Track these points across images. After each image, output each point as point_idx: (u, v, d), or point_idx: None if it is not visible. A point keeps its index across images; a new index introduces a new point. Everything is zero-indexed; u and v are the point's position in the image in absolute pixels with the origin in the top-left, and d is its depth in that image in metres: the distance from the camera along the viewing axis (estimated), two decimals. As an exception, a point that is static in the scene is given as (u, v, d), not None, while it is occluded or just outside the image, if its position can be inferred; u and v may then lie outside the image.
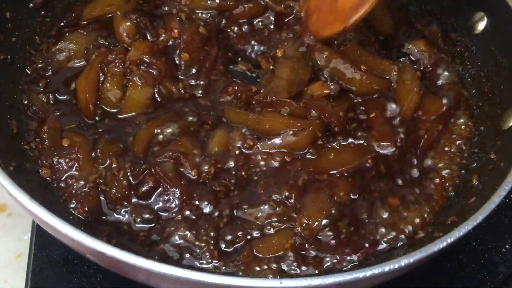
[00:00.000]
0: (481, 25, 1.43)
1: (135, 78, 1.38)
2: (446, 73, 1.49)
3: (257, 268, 1.18)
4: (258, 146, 1.33)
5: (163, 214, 1.24)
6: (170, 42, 1.47)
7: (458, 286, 1.35)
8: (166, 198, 1.25)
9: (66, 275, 1.31)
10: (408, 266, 0.99)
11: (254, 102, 1.38)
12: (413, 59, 1.51)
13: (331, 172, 1.30)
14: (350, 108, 1.40)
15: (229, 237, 1.21)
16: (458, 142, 1.39)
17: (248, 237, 1.22)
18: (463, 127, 1.41)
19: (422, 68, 1.50)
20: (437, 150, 1.38)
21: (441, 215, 1.27)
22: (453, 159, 1.37)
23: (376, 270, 0.97)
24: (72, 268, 1.32)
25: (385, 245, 1.23)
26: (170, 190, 1.25)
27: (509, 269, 1.36)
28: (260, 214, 1.24)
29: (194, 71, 1.46)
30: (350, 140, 1.35)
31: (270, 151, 1.32)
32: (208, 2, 1.56)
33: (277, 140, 1.33)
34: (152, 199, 1.26)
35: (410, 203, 1.28)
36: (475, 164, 1.33)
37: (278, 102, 1.35)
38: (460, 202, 1.24)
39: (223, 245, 1.20)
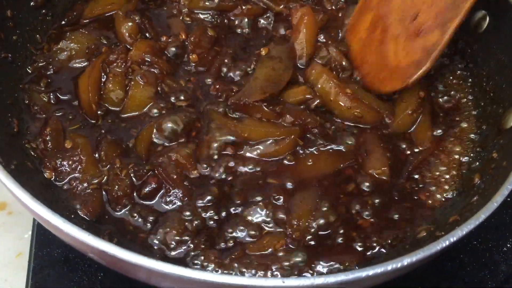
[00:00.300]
0: (482, 24, 1.43)
1: (137, 78, 1.38)
2: (449, 77, 1.49)
3: (250, 265, 1.17)
4: (241, 152, 1.31)
5: (164, 214, 1.23)
6: (178, 43, 1.47)
7: (459, 285, 1.34)
8: (168, 199, 1.25)
9: (66, 274, 1.31)
10: (411, 265, 0.99)
11: (229, 104, 1.36)
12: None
13: (310, 177, 1.29)
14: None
15: (224, 239, 1.21)
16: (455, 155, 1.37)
17: (241, 238, 1.21)
18: (465, 126, 1.41)
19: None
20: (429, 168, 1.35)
21: (439, 217, 1.27)
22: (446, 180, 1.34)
23: (378, 269, 0.96)
24: (73, 267, 1.31)
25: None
26: (173, 191, 1.25)
27: (510, 268, 1.36)
28: (250, 217, 1.23)
29: (203, 69, 1.46)
30: (330, 146, 1.34)
31: (253, 157, 1.31)
32: (207, 3, 1.56)
33: (259, 147, 1.31)
34: (155, 200, 1.26)
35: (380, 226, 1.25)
36: (477, 163, 1.32)
37: (251, 105, 1.34)
38: (462, 201, 1.24)
39: (219, 247, 1.20)
